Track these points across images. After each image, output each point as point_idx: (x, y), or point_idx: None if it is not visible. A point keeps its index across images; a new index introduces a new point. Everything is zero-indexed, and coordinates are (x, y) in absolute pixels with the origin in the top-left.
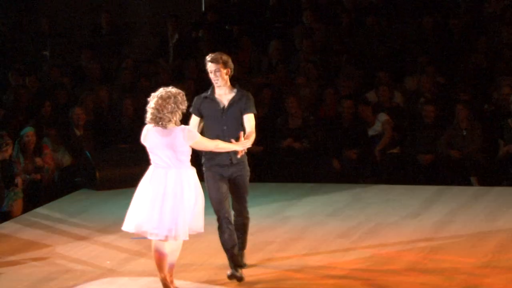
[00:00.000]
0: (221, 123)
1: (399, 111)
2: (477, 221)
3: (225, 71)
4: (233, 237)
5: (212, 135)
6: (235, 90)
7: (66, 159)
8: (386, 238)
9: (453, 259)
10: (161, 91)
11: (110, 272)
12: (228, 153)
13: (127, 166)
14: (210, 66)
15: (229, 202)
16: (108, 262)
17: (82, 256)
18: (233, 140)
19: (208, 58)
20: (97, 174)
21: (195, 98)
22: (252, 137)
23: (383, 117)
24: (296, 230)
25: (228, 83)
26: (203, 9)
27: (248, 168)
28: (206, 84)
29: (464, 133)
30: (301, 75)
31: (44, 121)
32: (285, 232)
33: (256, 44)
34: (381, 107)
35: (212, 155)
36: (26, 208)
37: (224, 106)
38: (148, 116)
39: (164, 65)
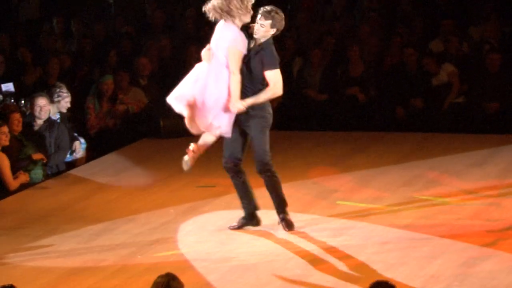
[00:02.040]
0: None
1: (465, 60)
2: None
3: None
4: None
5: None
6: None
7: (143, 97)
8: (450, 187)
9: None
10: None
11: (174, 221)
12: None
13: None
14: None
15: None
16: (172, 210)
17: (146, 204)
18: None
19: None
20: (161, 122)
21: None
22: (263, 95)
23: (449, 68)
24: (360, 178)
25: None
26: None
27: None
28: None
29: None
30: (365, 24)
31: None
32: (349, 180)
33: None
34: (447, 57)
35: None
36: (91, 157)
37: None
38: None
39: None
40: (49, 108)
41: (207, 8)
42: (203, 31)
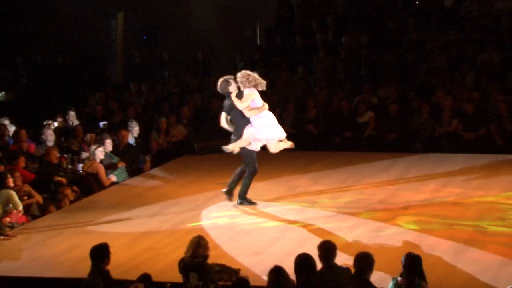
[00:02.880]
0: None
1: (377, 108)
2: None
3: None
4: None
5: None
6: None
7: (184, 130)
8: (367, 183)
9: (404, 198)
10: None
11: (202, 205)
12: None
13: (212, 141)
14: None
15: None
16: (202, 198)
17: (186, 194)
18: None
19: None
20: (195, 145)
21: None
22: None
23: (370, 113)
24: (313, 178)
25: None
26: (258, 43)
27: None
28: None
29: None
30: (317, 87)
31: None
32: (307, 179)
33: (290, 68)
34: (368, 107)
35: None
36: (153, 166)
37: None
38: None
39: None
40: (129, 137)
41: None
42: None
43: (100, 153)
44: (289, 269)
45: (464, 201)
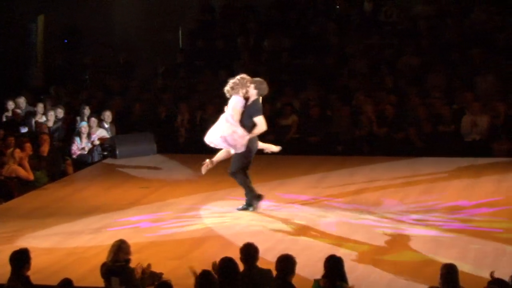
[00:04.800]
0: None
1: (299, 111)
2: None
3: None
4: None
5: None
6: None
7: (106, 134)
8: (291, 184)
9: (325, 201)
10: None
11: (125, 212)
12: None
13: (134, 144)
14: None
15: None
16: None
17: (105, 199)
18: None
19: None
20: (117, 149)
21: None
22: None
23: (294, 117)
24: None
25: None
26: (181, 46)
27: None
28: (178, 96)
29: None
30: None
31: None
32: (229, 183)
33: (212, 71)
34: (293, 109)
35: None
36: (74, 170)
37: None
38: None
39: (156, 84)
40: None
41: (225, 90)
42: (145, 95)
43: (17, 155)
44: None
45: (384, 203)
